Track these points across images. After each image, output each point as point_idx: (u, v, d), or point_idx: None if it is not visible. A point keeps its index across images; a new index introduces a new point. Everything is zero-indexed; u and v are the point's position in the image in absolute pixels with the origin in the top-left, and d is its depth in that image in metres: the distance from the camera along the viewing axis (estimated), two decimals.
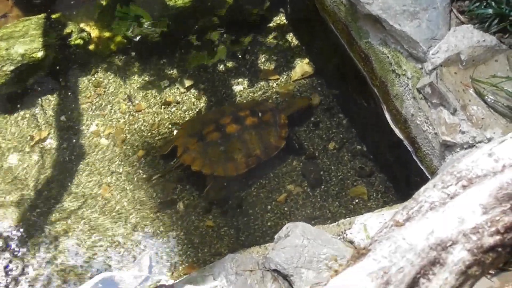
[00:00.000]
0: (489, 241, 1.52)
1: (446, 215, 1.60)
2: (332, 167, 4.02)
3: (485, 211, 1.55)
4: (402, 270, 1.52)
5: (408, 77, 3.41)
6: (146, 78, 4.46)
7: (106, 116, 4.30)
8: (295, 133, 4.15)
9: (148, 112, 4.31)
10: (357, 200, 3.87)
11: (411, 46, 3.37)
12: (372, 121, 4.00)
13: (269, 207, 3.90)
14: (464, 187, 1.62)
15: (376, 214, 3.04)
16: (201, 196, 3.94)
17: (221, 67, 4.51)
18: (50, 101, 4.36)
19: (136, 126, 4.25)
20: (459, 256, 1.55)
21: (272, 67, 4.47)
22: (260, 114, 4.05)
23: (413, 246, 1.57)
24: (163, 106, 4.33)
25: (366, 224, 2.95)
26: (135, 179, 4.03)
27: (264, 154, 3.94)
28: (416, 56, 3.39)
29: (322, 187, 3.95)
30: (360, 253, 1.62)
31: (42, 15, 4.54)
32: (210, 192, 3.93)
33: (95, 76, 4.47)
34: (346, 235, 2.96)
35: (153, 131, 4.22)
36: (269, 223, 3.84)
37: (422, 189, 1.68)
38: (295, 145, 4.08)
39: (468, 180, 1.62)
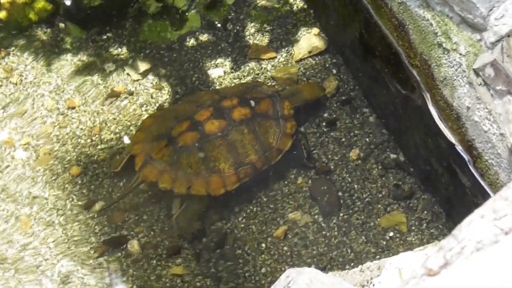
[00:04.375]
0: None
1: (499, 258, 1.61)
2: (355, 186, 4.04)
3: None
4: None
5: (461, 54, 3.41)
6: (83, 60, 4.48)
7: (24, 116, 4.32)
8: (304, 135, 4.18)
9: (86, 111, 4.32)
10: (391, 233, 3.89)
11: (465, 8, 3.37)
12: (411, 118, 3.99)
13: (263, 245, 3.91)
14: None
15: (417, 254, 3.03)
16: (165, 231, 3.96)
17: (192, 42, 4.52)
18: None
19: (68, 130, 4.27)
20: None
21: (266, 41, 4.49)
22: (253, 103, 4.06)
23: None
24: (107, 101, 4.35)
25: (402, 269, 2.95)
26: (68, 207, 4.04)
27: (262, 161, 3.96)
28: (472, 22, 3.39)
29: (341, 215, 3.96)
30: None
31: None
32: (179, 223, 3.94)
33: (7, 58, 4.50)
34: (374, 285, 2.96)
35: (94, 138, 4.23)
36: (263, 269, 3.85)
37: (465, 221, 1.68)
38: (302, 153, 4.10)
39: None
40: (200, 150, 3.94)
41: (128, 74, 4.42)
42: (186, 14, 4.58)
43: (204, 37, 4.53)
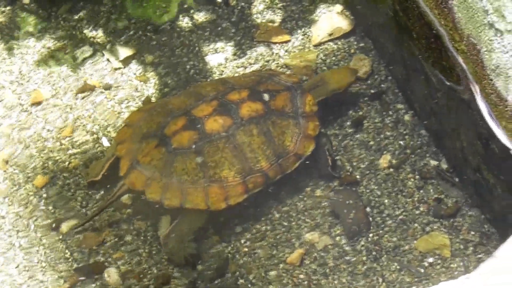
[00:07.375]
0: None
1: None
2: (386, 200, 4.01)
3: None
4: None
5: None
6: (51, 44, 4.50)
7: None
8: (328, 137, 4.16)
9: (55, 105, 4.33)
10: (431, 259, 3.86)
11: None
12: (456, 116, 3.94)
13: (272, 273, 3.88)
14: None
15: (462, 283, 3.03)
16: (152, 256, 3.94)
17: (186, 22, 4.54)
18: None
19: (32, 131, 4.29)
20: None
21: (278, 20, 4.49)
22: (267, 97, 4.04)
23: None
24: (80, 95, 4.36)
25: None
26: (32, 227, 4.04)
27: (275, 169, 3.94)
28: None
29: (370, 235, 3.94)
30: None
31: None
32: (169, 245, 3.91)
33: None
34: None
35: (64, 140, 4.25)
36: None
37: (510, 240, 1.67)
38: (325, 160, 4.09)
39: None
40: (198, 154, 3.90)
41: (107, 60, 4.45)
42: None
43: (200, 16, 4.53)
